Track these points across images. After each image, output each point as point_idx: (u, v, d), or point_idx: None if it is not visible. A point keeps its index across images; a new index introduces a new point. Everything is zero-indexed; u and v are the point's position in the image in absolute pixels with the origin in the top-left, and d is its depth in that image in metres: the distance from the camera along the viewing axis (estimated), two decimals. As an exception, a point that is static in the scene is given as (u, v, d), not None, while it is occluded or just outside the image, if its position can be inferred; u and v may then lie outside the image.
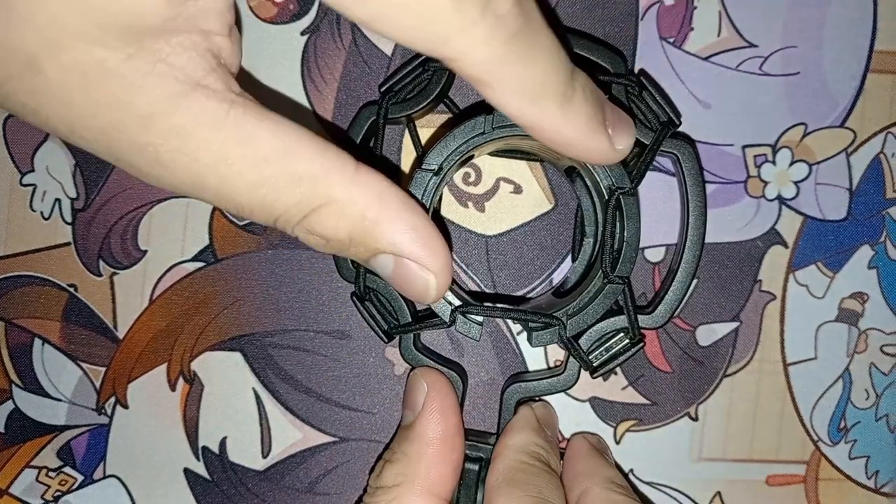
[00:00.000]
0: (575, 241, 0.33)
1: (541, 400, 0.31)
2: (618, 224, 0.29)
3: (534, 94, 0.23)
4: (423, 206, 0.27)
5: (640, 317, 0.29)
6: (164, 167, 0.21)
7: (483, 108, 0.28)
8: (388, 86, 0.29)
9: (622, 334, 0.30)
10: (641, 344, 0.29)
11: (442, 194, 0.34)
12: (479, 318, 0.29)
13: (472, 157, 0.30)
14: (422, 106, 0.30)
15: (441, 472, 0.27)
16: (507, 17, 0.21)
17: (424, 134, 0.34)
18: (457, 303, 0.29)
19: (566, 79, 0.23)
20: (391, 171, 0.33)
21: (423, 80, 0.30)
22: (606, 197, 0.28)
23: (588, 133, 0.24)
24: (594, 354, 0.30)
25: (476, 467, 0.29)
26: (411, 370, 0.30)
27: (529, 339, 0.30)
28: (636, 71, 0.33)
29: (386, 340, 0.30)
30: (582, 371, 0.30)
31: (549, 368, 0.34)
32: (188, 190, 0.21)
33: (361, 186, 0.22)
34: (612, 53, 0.29)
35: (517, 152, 0.33)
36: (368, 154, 0.30)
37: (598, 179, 0.28)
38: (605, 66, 0.29)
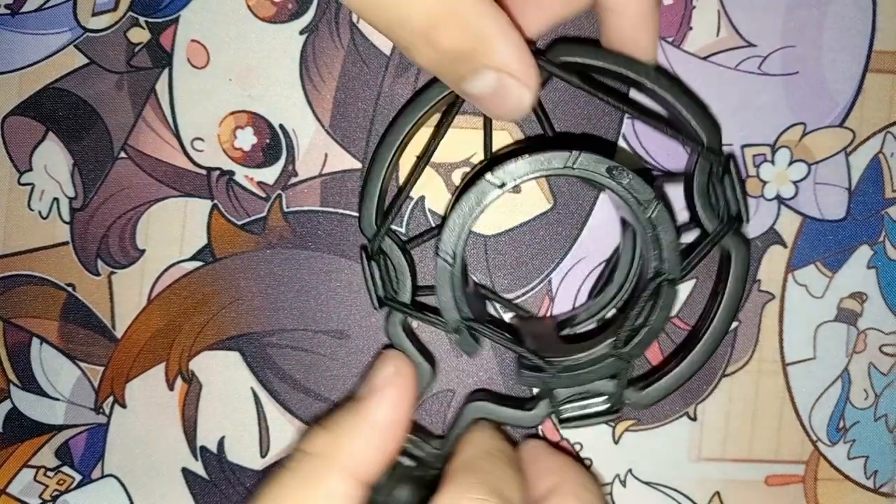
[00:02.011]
0: (600, 279, 0.33)
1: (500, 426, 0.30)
2: (646, 306, 0.27)
3: None
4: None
5: (628, 391, 0.28)
6: None
7: (569, 140, 0.27)
8: None
9: (604, 397, 0.28)
10: (619, 415, 0.28)
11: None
12: (480, 339, 0.28)
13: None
14: None
15: (371, 456, 0.26)
16: None
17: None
18: (466, 314, 0.28)
19: None
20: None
21: None
22: (649, 277, 0.27)
23: (645, 22, 0.27)
24: (568, 406, 0.28)
25: (408, 462, 0.28)
26: (385, 347, 0.29)
27: (518, 375, 0.29)
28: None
29: (377, 307, 0.29)
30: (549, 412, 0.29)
31: (519, 399, 0.32)
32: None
33: (485, 6, 0.24)
34: (710, 124, 0.27)
35: None
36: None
37: (649, 257, 0.27)
38: (697, 134, 0.27)
